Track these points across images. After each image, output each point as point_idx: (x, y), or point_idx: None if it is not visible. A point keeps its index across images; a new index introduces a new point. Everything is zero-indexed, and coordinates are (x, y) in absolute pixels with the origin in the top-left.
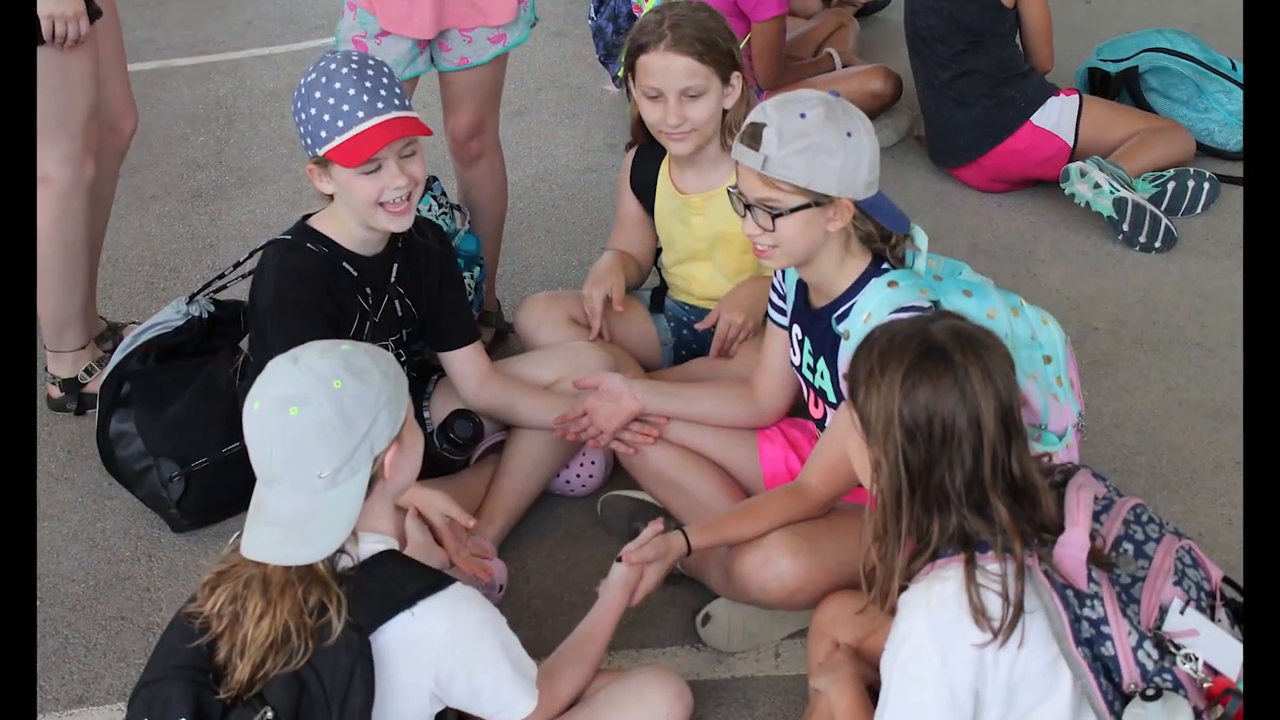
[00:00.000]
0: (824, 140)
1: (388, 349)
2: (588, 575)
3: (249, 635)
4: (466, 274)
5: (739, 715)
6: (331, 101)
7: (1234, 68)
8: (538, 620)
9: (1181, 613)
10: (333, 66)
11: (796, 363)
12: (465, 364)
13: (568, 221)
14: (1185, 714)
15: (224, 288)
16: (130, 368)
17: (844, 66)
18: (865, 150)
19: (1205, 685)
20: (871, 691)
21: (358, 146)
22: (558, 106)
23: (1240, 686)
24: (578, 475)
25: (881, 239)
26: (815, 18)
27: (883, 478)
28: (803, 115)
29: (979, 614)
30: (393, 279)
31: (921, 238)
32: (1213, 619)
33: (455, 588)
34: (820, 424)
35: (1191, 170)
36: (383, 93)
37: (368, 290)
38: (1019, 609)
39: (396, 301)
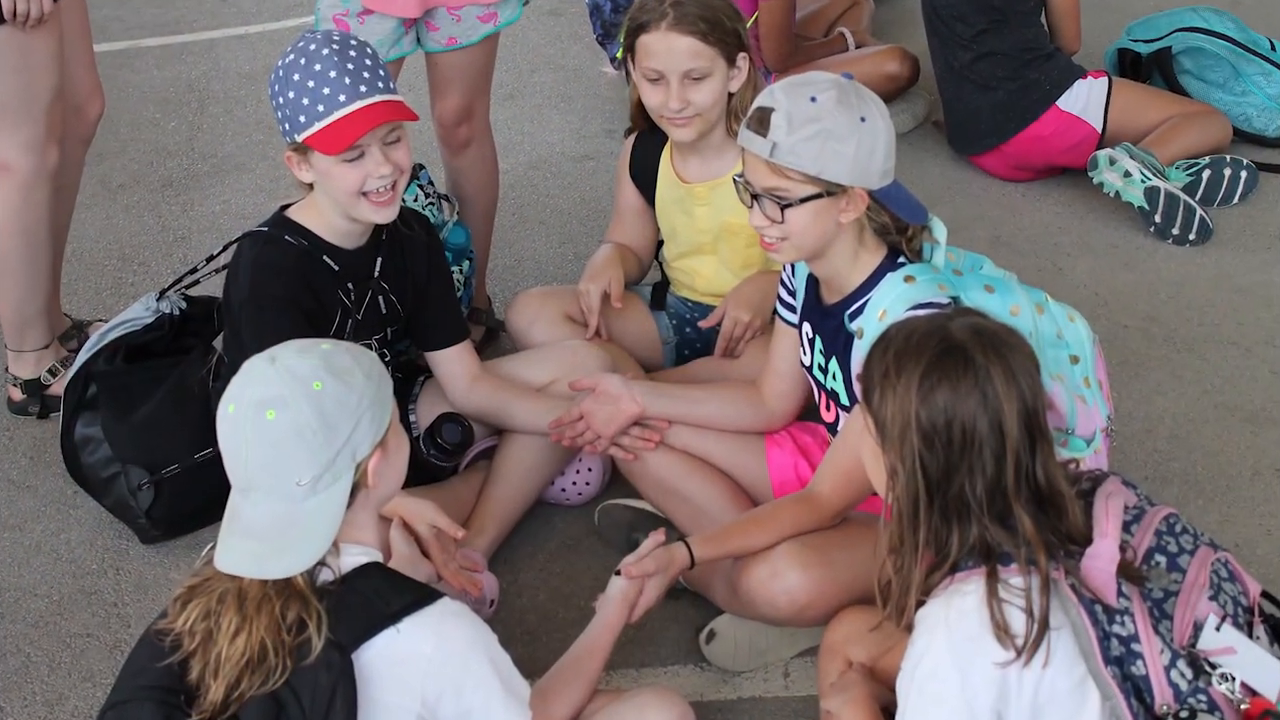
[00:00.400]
0: (836, 126)
1: (371, 348)
2: (584, 589)
3: (223, 653)
4: (455, 268)
5: None
6: (311, 84)
7: (1273, 48)
8: (531, 637)
9: (1217, 629)
10: (312, 47)
11: (807, 363)
12: (454, 364)
13: (563, 212)
14: None
15: (196, 283)
16: (97, 368)
17: (857, 47)
18: (880, 136)
19: (1242, 707)
20: (886, 713)
21: (339, 132)
22: (552, 90)
23: None
24: (574, 483)
25: (897, 231)
26: None
27: (899, 485)
28: (813, 99)
29: (1001, 630)
30: (376, 274)
31: (940, 230)
32: (1250, 636)
33: (443, 603)
34: (832, 428)
35: (1228, 158)
36: (365, 75)
37: (350, 285)
38: (1044, 625)
39: (380, 298)
